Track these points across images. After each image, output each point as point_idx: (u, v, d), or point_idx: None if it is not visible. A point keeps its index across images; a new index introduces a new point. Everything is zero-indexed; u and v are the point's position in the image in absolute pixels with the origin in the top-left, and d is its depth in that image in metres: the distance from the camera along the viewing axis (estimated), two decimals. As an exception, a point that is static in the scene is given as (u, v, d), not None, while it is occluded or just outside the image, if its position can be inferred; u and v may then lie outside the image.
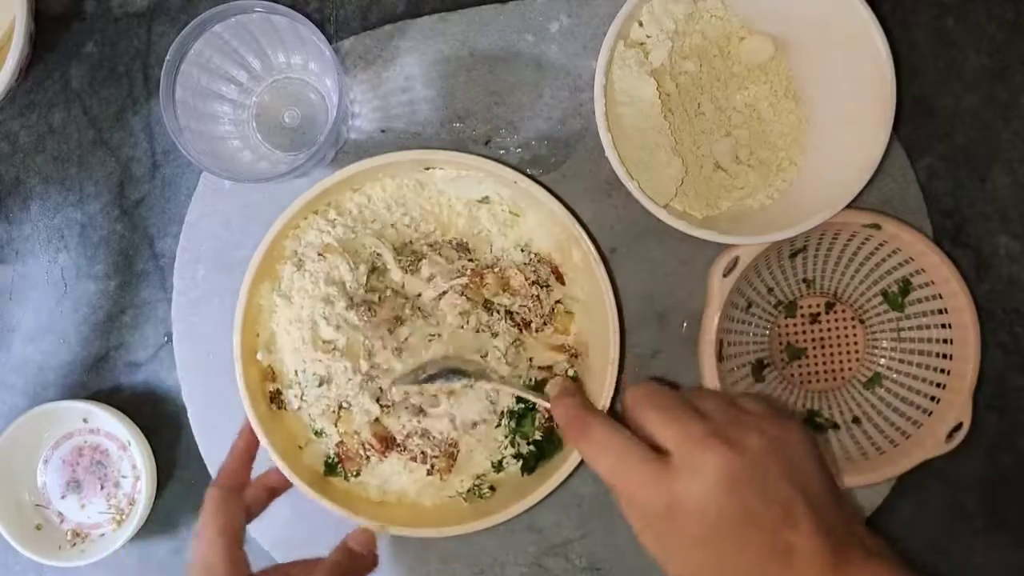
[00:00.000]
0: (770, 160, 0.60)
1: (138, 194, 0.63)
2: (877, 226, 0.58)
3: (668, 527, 0.45)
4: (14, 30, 0.58)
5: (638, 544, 0.62)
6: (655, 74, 0.57)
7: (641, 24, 0.57)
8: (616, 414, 0.60)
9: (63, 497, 0.63)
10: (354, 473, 0.59)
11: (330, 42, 0.54)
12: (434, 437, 0.58)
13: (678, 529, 0.45)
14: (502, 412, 0.59)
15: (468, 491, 0.59)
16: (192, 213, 0.62)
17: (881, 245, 0.61)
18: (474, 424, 0.58)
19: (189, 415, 0.62)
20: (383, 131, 0.62)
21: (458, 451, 0.59)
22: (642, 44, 0.58)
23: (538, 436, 0.59)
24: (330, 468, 0.59)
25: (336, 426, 0.58)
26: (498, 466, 0.59)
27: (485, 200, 0.60)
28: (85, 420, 0.63)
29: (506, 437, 0.59)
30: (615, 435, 0.47)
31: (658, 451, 0.45)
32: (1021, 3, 0.63)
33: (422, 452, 0.58)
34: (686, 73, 0.59)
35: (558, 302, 0.60)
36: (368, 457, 0.58)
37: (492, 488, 0.59)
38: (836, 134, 0.58)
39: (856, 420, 0.63)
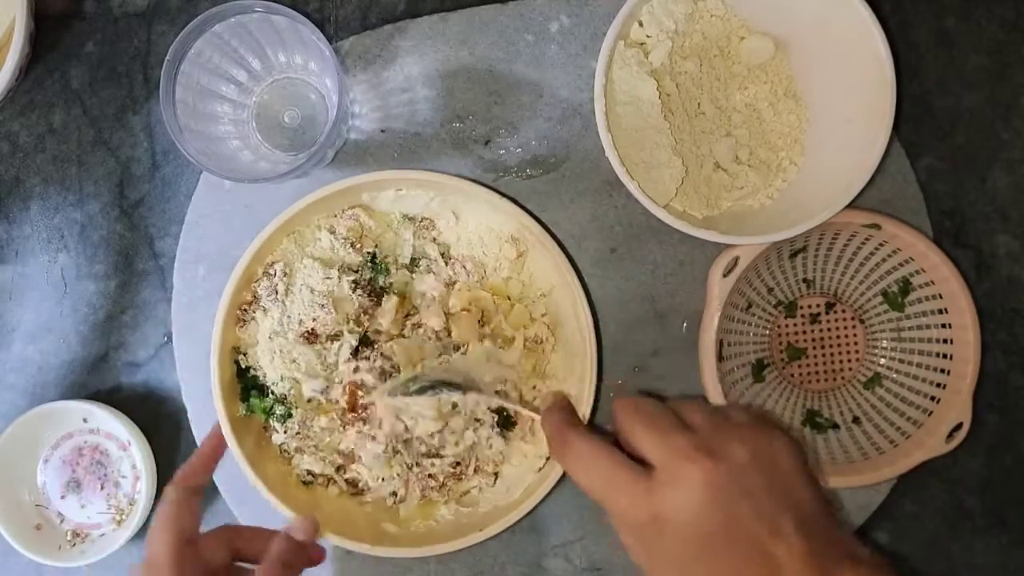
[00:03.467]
0: (770, 160, 0.60)
1: (138, 194, 0.63)
2: (877, 226, 0.58)
3: (654, 541, 0.45)
4: (14, 30, 0.58)
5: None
6: (655, 74, 0.57)
7: (641, 24, 0.57)
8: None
9: (63, 497, 0.63)
10: (324, 484, 0.59)
11: (330, 42, 0.54)
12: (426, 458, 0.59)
13: (664, 543, 0.44)
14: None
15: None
16: (192, 213, 0.62)
17: (881, 245, 0.61)
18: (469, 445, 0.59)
19: (189, 415, 0.62)
20: (383, 131, 0.62)
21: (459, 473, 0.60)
22: (642, 44, 0.58)
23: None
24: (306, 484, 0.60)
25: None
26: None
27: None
28: (85, 420, 0.63)
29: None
30: (598, 450, 0.47)
31: (644, 465, 0.45)
32: (1021, 3, 0.63)
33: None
34: (686, 73, 0.59)
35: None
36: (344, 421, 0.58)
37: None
38: (836, 134, 0.58)
39: (856, 420, 0.63)
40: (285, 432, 0.58)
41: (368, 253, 0.60)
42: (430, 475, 0.59)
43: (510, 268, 0.60)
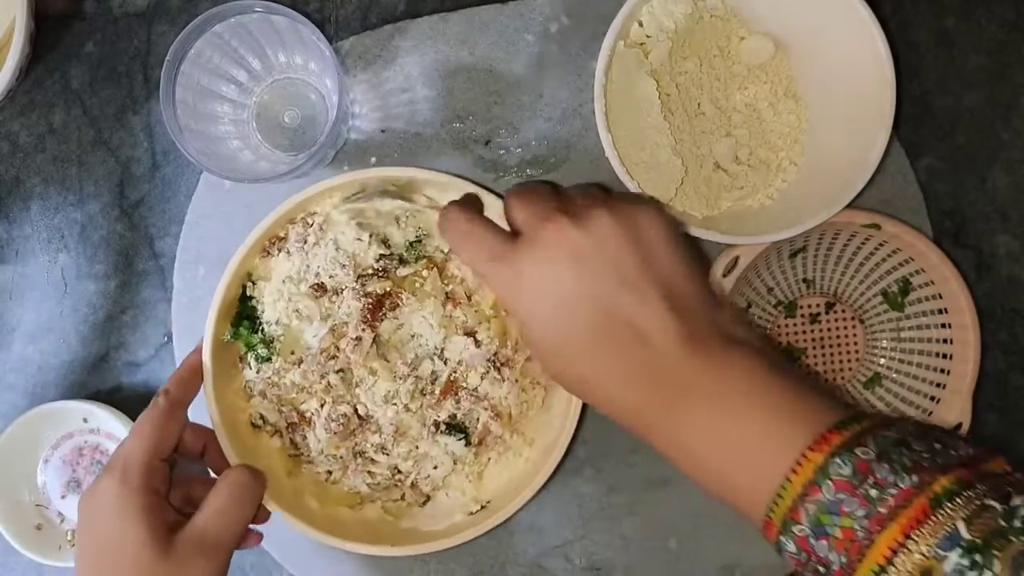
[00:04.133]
0: (770, 160, 0.60)
1: (138, 194, 0.63)
2: (877, 226, 0.58)
3: (521, 307, 0.45)
4: (14, 30, 0.58)
5: (638, 544, 0.62)
6: (655, 74, 0.57)
7: (641, 24, 0.57)
8: None
9: (63, 497, 0.63)
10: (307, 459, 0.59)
11: (330, 42, 0.54)
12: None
13: (522, 304, 0.45)
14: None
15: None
16: (192, 213, 0.62)
17: (881, 245, 0.61)
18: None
19: (189, 415, 0.62)
20: (383, 131, 0.62)
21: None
22: (642, 44, 0.58)
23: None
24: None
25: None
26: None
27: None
28: (85, 420, 0.63)
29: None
30: (476, 223, 0.48)
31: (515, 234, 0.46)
32: (1021, 3, 0.63)
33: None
34: (686, 73, 0.59)
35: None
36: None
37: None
38: (836, 134, 0.58)
39: (856, 420, 0.63)
40: (258, 372, 0.57)
41: (408, 242, 0.59)
42: (369, 472, 0.59)
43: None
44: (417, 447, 0.58)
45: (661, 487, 0.62)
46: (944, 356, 0.60)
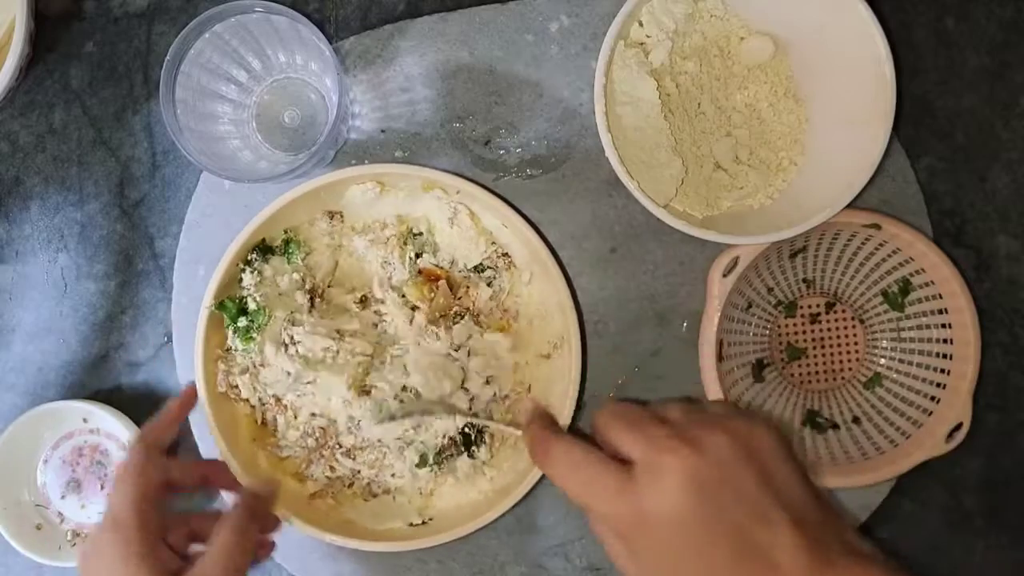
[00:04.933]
0: (770, 160, 0.60)
1: (138, 194, 0.63)
2: (877, 226, 0.58)
3: (638, 540, 0.43)
4: (14, 30, 0.58)
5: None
6: (655, 74, 0.57)
7: (641, 24, 0.57)
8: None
9: (63, 497, 0.63)
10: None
11: (330, 42, 0.54)
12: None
13: (648, 540, 0.43)
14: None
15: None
16: (192, 213, 0.62)
17: (881, 245, 0.61)
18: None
19: (189, 415, 0.62)
20: (383, 131, 0.62)
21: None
22: (642, 44, 0.58)
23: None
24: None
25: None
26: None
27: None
28: (85, 420, 0.63)
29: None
30: (578, 452, 0.46)
31: (625, 464, 0.44)
32: (1021, 3, 0.63)
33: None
34: (686, 73, 0.59)
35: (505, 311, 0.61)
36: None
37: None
38: (836, 134, 0.58)
39: (856, 420, 0.63)
40: (241, 349, 0.58)
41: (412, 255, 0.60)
42: (332, 466, 0.60)
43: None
44: (384, 456, 0.59)
45: (661, 487, 0.62)
46: (944, 356, 0.60)
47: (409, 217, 0.61)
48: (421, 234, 0.61)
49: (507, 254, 0.61)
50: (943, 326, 0.60)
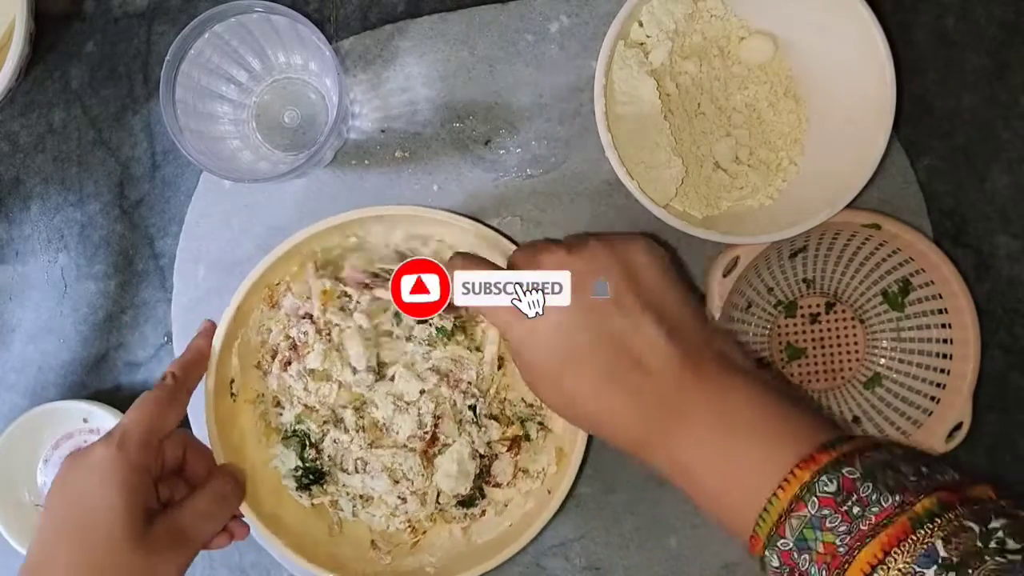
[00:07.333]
0: (770, 160, 0.60)
1: (138, 194, 0.63)
2: (877, 226, 0.58)
3: (531, 351, 0.46)
4: (14, 30, 0.58)
5: (638, 543, 0.62)
6: (655, 74, 0.57)
7: (641, 24, 0.57)
8: None
9: (63, 497, 0.63)
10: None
11: (330, 42, 0.54)
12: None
13: (538, 349, 0.46)
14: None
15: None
16: (192, 213, 0.62)
17: (881, 245, 0.61)
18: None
19: (189, 415, 0.62)
20: (383, 131, 0.62)
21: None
22: (642, 44, 0.58)
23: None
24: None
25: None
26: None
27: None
28: (85, 420, 0.63)
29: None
30: (481, 267, 0.49)
31: None
32: (1021, 3, 0.63)
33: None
34: (686, 73, 0.59)
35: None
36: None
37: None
38: (836, 134, 0.58)
39: (856, 420, 0.63)
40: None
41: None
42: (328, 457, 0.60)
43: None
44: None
45: (660, 486, 0.62)
46: (944, 356, 0.60)
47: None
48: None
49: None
50: (943, 326, 0.60)
